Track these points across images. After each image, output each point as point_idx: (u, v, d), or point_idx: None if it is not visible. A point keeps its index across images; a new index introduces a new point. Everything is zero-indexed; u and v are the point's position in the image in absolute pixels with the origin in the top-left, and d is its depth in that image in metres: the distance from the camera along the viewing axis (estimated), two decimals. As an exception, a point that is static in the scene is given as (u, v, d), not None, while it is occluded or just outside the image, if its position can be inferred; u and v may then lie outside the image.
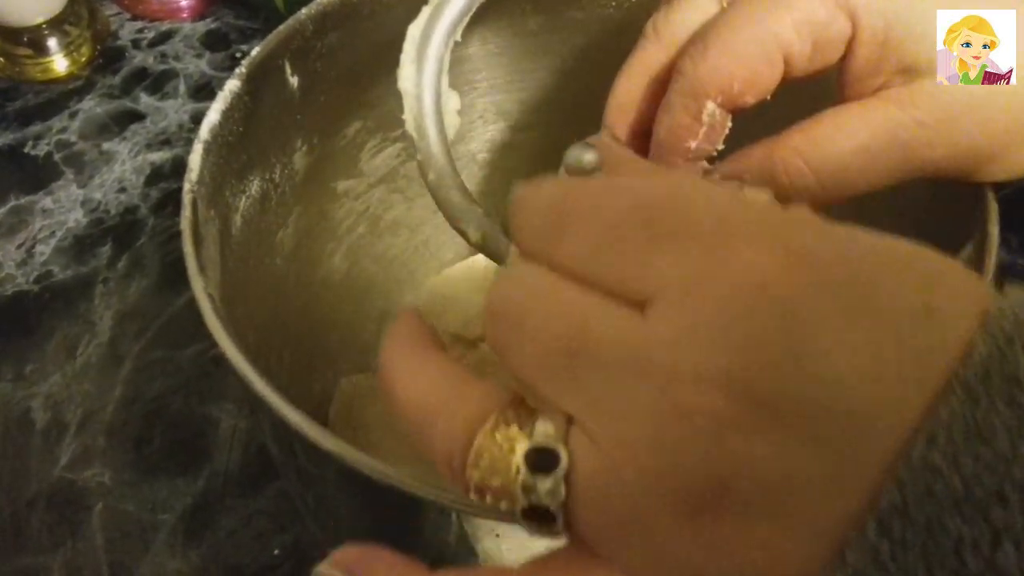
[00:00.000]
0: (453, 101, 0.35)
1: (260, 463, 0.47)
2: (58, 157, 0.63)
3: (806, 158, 0.28)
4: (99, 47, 0.69)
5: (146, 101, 0.66)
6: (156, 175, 0.61)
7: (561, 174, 0.29)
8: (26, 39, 0.66)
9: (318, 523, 0.38)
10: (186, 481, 0.47)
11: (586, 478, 0.16)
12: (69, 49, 0.67)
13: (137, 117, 0.65)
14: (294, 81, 0.39)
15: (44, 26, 0.66)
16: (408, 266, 0.51)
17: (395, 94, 0.35)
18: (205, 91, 0.67)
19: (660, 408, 0.15)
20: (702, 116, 0.29)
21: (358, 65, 0.41)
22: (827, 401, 0.14)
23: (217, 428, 0.49)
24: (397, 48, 0.34)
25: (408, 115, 0.34)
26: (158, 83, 0.67)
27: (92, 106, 0.66)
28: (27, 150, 0.63)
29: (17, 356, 0.52)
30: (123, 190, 0.60)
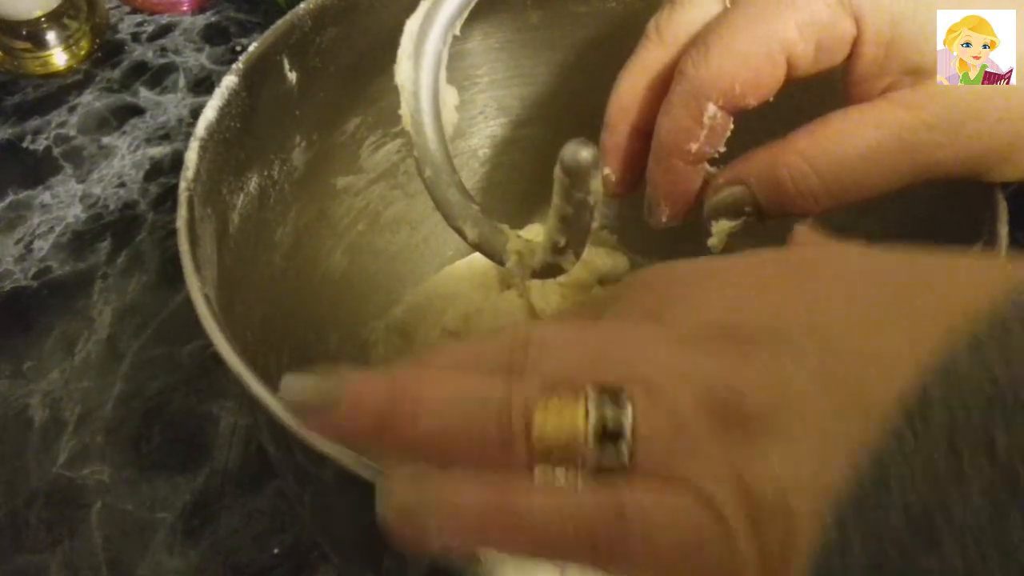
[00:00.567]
0: (452, 97, 0.34)
1: (260, 461, 0.47)
2: (57, 152, 0.62)
3: (812, 162, 0.28)
4: (98, 41, 0.69)
5: (145, 95, 0.66)
6: (155, 170, 0.61)
7: (557, 171, 0.29)
8: (25, 33, 0.66)
9: (316, 524, 0.38)
10: (185, 479, 0.46)
11: (644, 412, 0.18)
12: (68, 43, 0.67)
13: (136, 111, 0.65)
14: (292, 77, 0.39)
15: (43, 19, 0.66)
16: (408, 263, 0.50)
17: (395, 89, 0.34)
18: (205, 85, 0.66)
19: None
20: (703, 118, 0.29)
21: (357, 60, 0.41)
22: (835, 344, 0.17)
23: (217, 426, 0.48)
24: (396, 43, 0.34)
25: (405, 111, 0.34)
26: (158, 77, 0.67)
27: (91, 100, 0.65)
28: (26, 144, 0.63)
29: (15, 353, 0.52)
30: (122, 185, 0.60)
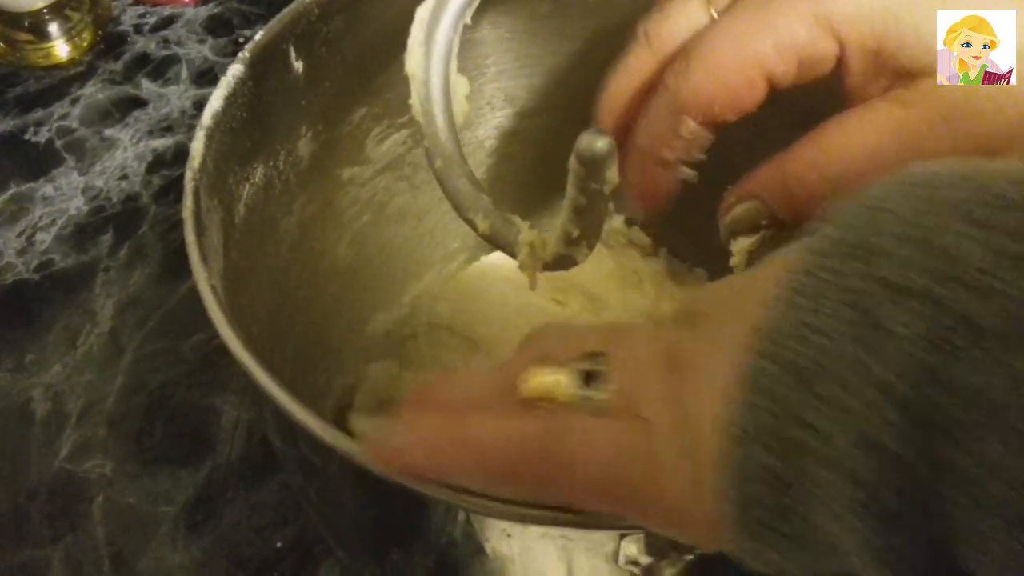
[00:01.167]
0: (462, 86, 0.34)
1: (263, 455, 0.46)
2: (59, 144, 0.62)
3: (820, 169, 0.28)
4: (101, 32, 0.68)
5: (148, 87, 0.66)
6: (158, 162, 0.61)
7: (572, 161, 0.29)
8: (27, 24, 0.65)
9: (321, 517, 0.38)
10: (188, 473, 0.46)
11: (618, 365, 0.22)
12: (70, 34, 0.67)
13: (139, 103, 0.64)
14: (299, 66, 0.38)
15: (45, 11, 0.65)
16: (414, 255, 0.50)
17: (402, 79, 0.34)
18: (208, 77, 0.66)
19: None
20: (680, 131, 0.29)
21: (364, 50, 0.40)
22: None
23: (220, 419, 0.48)
24: (404, 32, 0.33)
25: (415, 100, 0.33)
26: (160, 69, 0.67)
27: (93, 92, 0.65)
28: (28, 137, 0.62)
29: (17, 346, 0.51)
30: (124, 177, 0.60)
